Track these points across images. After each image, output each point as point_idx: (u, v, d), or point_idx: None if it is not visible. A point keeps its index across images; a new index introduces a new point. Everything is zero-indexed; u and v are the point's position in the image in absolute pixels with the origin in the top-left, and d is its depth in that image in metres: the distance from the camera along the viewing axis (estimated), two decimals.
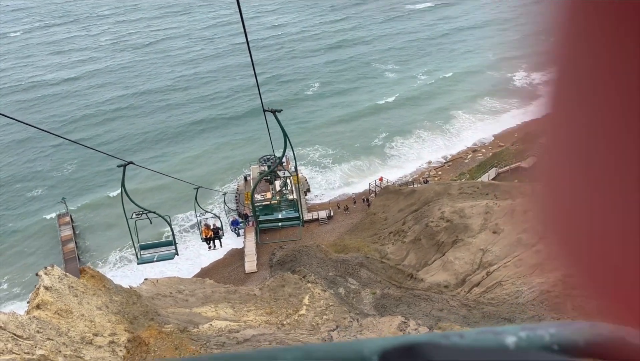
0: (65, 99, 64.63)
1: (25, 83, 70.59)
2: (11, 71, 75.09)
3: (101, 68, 72.90)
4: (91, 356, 10.38)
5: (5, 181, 47.69)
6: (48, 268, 13.32)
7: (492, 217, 25.47)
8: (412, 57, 66.89)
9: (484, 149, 45.96)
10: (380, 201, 34.82)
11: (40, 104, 63.82)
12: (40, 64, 77.09)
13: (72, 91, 66.54)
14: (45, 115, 60.87)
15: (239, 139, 51.87)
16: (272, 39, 77.84)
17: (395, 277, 27.24)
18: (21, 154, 51.63)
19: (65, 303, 11.78)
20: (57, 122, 58.71)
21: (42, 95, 66.42)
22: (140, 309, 14.67)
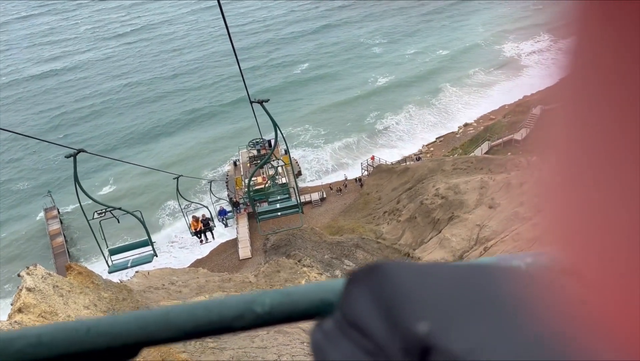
0: (43, 94, 62.98)
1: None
2: None
3: (82, 60, 71.06)
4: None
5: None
6: (30, 268, 12.62)
7: (487, 192, 25.05)
8: (401, 34, 65.79)
9: (475, 122, 45.45)
10: (373, 180, 34.32)
11: (18, 98, 62.16)
12: (18, 57, 75.05)
13: (52, 85, 64.82)
14: (23, 108, 59.34)
15: (228, 126, 50.89)
16: (258, 22, 76.18)
17: (392, 257, 26.87)
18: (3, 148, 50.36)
19: (50, 305, 11.14)
20: (38, 115, 57.30)
21: (21, 87, 64.67)
22: (131, 305, 14.11)
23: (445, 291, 0.35)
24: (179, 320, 0.48)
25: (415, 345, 0.31)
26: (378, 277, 0.38)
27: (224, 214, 27.41)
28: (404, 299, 0.35)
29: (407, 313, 0.33)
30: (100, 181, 45.05)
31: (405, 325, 0.32)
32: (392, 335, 0.33)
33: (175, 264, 35.15)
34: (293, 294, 0.47)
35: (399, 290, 0.36)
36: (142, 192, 43.10)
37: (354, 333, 0.36)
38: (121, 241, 41.25)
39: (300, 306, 0.49)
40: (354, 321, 0.37)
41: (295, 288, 0.48)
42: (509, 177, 24.84)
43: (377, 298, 0.37)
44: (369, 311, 0.36)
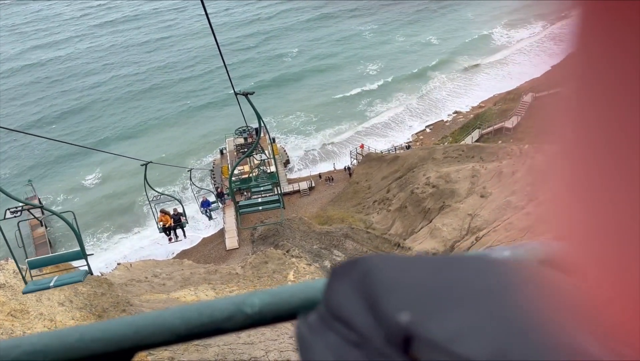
0: (29, 85, 61.26)
1: None
2: None
3: (70, 51, 69.21)
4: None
5: None
6: (1, 263, 11.87)
7: (479, 180, 24.64)
8: (393, 24, 64.94)
9: (464, 111, 45.01)
10: (362, 169, 33.76)
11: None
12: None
13: (38, 76, 63.05)
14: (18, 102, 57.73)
15: (217, 118, 49.88)
16: (248, 12, 74.66)
17: (382, 247, 26.41)
18: None
19: (21, 302, 10.43)
20: (29, 109, 55.75)
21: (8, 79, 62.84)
22: (110, 300, 13.40)
23: (427, 282, 0.36)
24: (171, 323, 0.49)
25: (398, 334, 0.32)
26: (360, 270, 0.39)
27: (207, 206, 24.66)
28: (386, 290, 0.36)
29: (389, 304, 0.34)
30: (85, 172, 44.03)
31: (388, 315, 0.33)
32: (376, 325, 0.34)
33: (162, 253, 34.48)
34: (281, 294, 0.47)
35: (381, 281, 0.37)
36: (130, 183, 42.15)
37: (338, 325, 0.37)
38: (101, 221, 40.63)
39: (289, 305, 0.50)
40: (337, 314, 0.38)
41: (283, 288, 0.48)
42: (501, 165, 24.43)
43: (360, 290, 0.37)
44: (352, 303, 0.37)
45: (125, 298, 14.22)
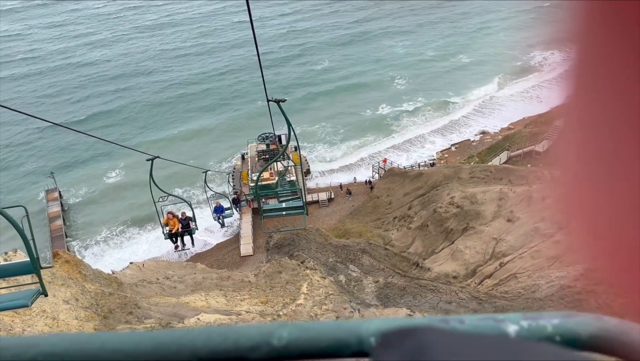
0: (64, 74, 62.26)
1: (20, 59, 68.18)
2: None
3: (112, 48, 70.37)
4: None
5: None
6: (10, 253, 11.46)
7: (506, 204, 23.66)
8: (423, 38, 64.51)
9: (492, 131, 43.98)
10: (384, 183, 33.00)
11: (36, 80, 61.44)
12: (37, 37, 74.47)
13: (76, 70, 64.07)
14: (52, 93, 58.64)
15: (242, 118, 49.86)
16: (282, 18, 74.95)
17: (400, 265, 25.56)
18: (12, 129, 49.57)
19: None
20: (60, 103, 56.54)
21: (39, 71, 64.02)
22: (117, 301, 12.90)
23: None
24: (194, 344, 0.49)
25: None
26: (413, 344, 0.38)
27: (220, 212, 22.77)
28: None
29: None
30: (109, 168, 44.19)
31: None
32: None
33: (176, 254, 34.08)
34: (312, 330, 0.47)
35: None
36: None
37: None
38: (119, 216, 40.47)
39: (318, 344, 0.49)
40: None
41: (315, 324, 0.48)
42: (531, 190, 23.42)
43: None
44: None
45: (134, 300, 13.72)
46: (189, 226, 17.22)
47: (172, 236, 17.15)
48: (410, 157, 42.19)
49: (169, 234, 16.94)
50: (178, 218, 17.14)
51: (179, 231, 17.06)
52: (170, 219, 16.95)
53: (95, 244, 36.76)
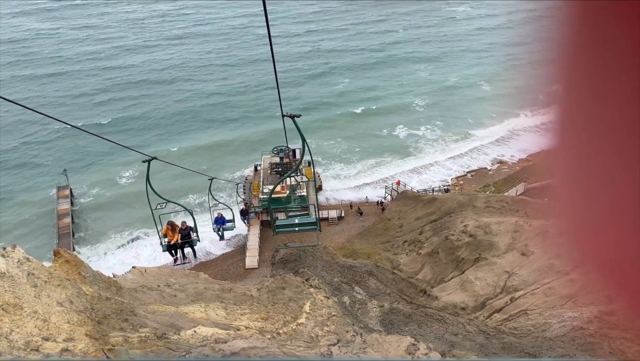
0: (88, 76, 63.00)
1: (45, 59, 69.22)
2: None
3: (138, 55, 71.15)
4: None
5: (17, 150, 46.24)
6: (7, 249, 11.11)
7: (521, 237, 22.95)
8: (447, 63, 64.38)
9: (510, 161, 43.27)
10: (396, 206, 32.42)
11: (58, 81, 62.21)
12: (65, 37, 75.66)
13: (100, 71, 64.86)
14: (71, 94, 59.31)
15: (262, 132, 49.87)
16: (305, 35, 75.43)
17: (407, 291, 24.86)
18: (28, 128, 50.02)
19: (17, 295, 9.59)
20: (81, 102, 57.13)
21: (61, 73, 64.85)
22: (114, 306, 12.47)
23: None
24: None
25: None
26: None
27: (221, 223, 21.33)
28: None
29: None
30: (123, 170, 44.23)
31: None
32: None
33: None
34: None
35: None
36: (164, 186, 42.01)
37: None
38: (129, 218, 40.36)
39: None
40: None
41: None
42: (547, 224, 22.64)
43: None
44: None
45: (131, 306, 13.28)
46: (189, 236, 15.73)
47: (170, 248, 15.72)
48: (424, 182, 41.60)
49: (168, 245, 15.52)
50: (178, 229, 15.60)
51: (178, 242, 15.55)
52: (169, 230, 15.45)
53: (101, 244, 36.58)
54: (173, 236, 15.51)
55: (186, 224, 15.84)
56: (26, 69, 64.02)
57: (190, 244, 16.03)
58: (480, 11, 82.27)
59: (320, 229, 17.20)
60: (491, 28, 74.96)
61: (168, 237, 15.52)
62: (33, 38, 74.59)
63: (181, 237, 15.62)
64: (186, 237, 15.72)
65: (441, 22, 79.40)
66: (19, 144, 46.77)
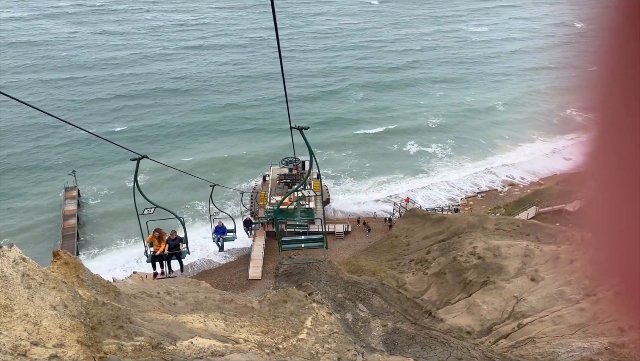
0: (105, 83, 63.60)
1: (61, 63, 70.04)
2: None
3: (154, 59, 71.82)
4: None
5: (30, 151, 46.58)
6: (4, 248, 10.83)
7: (531, 261, 22.37)
8: (462, 83, 64.24)
9: (521, 184, 42.64)
10: (404, 223, 31.93)
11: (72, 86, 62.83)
12: (84, 42, 76.58)
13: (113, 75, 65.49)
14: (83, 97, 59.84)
15: (276, 147, 49.88)
16: (322, 51, 75.75)
17: (411, 311, 24.27)
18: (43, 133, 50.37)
19: (9, 296, 9.28)
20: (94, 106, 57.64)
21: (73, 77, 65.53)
22: (110, 312, 12.13)
23: None
24: None
25: None
26: None
27: (221, 233, 20.24)
28: None
29: None
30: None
31: None
32: None
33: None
34: None
35: None
36: (173, 193, 41.92)
37: None
38: (134, 222, 40.54)
39: None
40: None
41: None
42: (559, 250, 22.11)
43: None
44: None
45: (127, 313, 12.93)
46: (178, 248, 13.96)
47: (155, 259, 13.95)
48: (433, 200, 41.08)
49: (153, 256, 13.78)
50: (166, 238, 13.80)
51: (164, 253, 13.77)
52: (156, 240, 13.66)
53: (105, 248, 36.37)
54: (160, 246, 13.73)
55: (176, 234, 14.11)
56: (43, 72, 64.75)
57: (178, 256, 14.27)
58: (499, 34, 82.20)
59: (327, 246, 16.69)
60: (510, 52, 74.74)
61: (154, 246, 13.76)
62: (53, 41, 75.55)
63: (169, 248, 13.88)
64: (174, 248, 13.96)
65: (459, 44, 79.42)
66: (32, 146, 47.03)
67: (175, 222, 15.04)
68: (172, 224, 16.19)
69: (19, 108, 51.17)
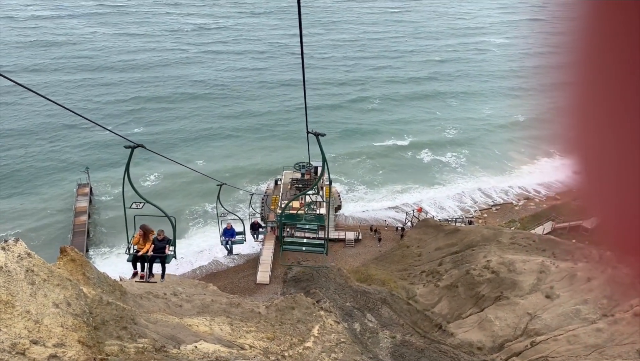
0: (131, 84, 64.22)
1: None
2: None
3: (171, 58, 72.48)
4: None
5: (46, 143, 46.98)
6: (9, 242, 10.64)
7: (547, 278, 21.77)
8: (479, 94, 63.74)
9: (537, 198, 41.87)
10: (416, 233, 31.41)
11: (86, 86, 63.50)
12: (104, 44, 77.36)
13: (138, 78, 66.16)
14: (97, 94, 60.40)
15: (283, 149, 49.79)
16: (342, 60, 75.73)
17: (421, 324, 23.74)
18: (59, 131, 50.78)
19: (11, 293, 9.05)
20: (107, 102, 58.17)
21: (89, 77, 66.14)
22: (114, 312, 11.86)
23: None
24: None
25: None
26: None
27: (230, 236, 19.09)
28: None
29: None
30: (149, 172, 44.48)
31: None
32: None
33: (189, 271, 33.14)
34: None
35: None
36: (186, 190, 41.84)
37: None
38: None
39: None
40: None
41: None
42: (575, 267, 21.47)
43: None
44: None
45: (131, 314, 12.65)
46: (164, 250, 12.43)
47: (137, 260, 12.47)
48: (446, 211, 40.48)
49: (134, 256, 12.39)
50: (152, 238, 12.47)
51: (147, 255, 12.30)
52: (141, 237, 12.41)
53: (114, 246, 36.27)
54: (144, 246, 12.41)
55: (164, 234, 12.64)
56: (63, 72, 65.47)
57: (162, 260, 12.59)
58: (521, 48, 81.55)
59: (327, 253, 16.28)
60: (532, 67, 73.96)
61: (138, 245, 12.45)
62: (73, 41, 76.46)
63: (154, 249, 12.40)
64: (160, 250, 12.45)
65: (480, 55, 78.92)
66: (49, 145, 47.40)
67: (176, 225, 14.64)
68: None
69: (39, 106, 51.73)
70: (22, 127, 49.81)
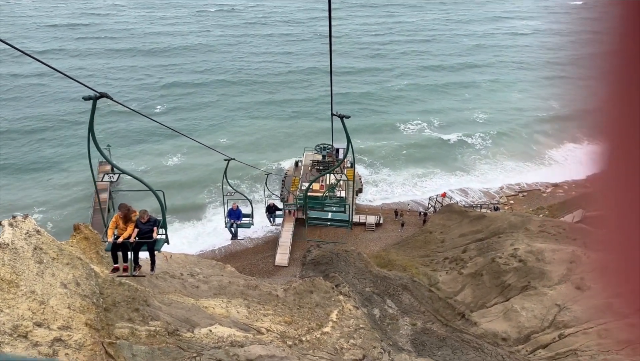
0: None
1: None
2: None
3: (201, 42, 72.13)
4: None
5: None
6: (18, 218, 10.19)
7: (577, 268, 20.75)
8: (509, 82, 62.00)
9: (566, 185, 40.43)
10: (439, 219, 30.50)
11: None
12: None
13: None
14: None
15: (305, 129, 49.21)
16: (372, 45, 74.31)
17: (443, 312, 23.02)
18: None
19: (16, 271, 8.59)
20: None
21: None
22: (126, 293, 11.43)
23: None
24: None
25: None
26: None
27: (235, 218, 17.14)
28: None
29: None
30: (171, 154, 44.48)
31: None
32: None
33: (209, 250, 32.89)
34: None
35: None
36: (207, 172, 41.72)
37: None
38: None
39: None
40: None
41: None
42: (609, 259, 20.29)
43: None
44: None
45: (144, 295, 12.22)
46: (150, 234, 10.00)
47: (117, 248, 10.06)
48: (471, 196, 39.38)
49: (114, 244, 9.89)
50: (135, 219, 10.07)
51: (129, 242, 9.80)
52: (121, 222, 9.99)
53: None
54: (125, 229, 9.93)
55: (148, 215, 10.24)
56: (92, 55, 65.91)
57: (150, 246, 10.29)
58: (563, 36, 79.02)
59: (351, 228, 16.67)
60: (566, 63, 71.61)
61: (118, 230, 9.99)
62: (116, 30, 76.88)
63: (138, 233, 9.94)
64: (146, 234, 10.04)
65: (513, 41, 76.71)
66: (75, 122, 47.66)
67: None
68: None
69: (65, 82, 51.94)
70: (50, 111, 50.26)
